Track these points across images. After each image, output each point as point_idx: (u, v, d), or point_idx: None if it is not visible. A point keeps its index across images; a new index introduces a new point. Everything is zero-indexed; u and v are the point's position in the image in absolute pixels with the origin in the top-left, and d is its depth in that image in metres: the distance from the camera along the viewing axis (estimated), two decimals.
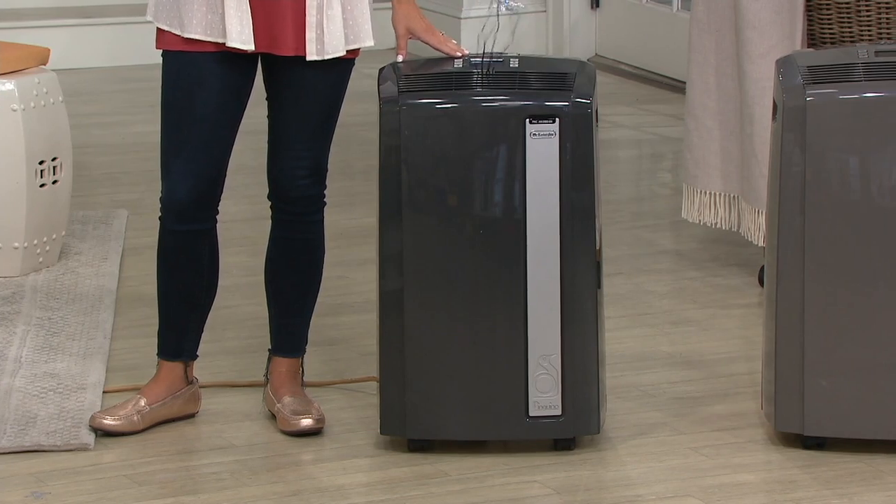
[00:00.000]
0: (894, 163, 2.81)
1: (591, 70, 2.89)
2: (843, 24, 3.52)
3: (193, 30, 2.82)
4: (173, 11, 2.84)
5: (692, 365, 3.26)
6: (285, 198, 2.93)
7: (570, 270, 2.84)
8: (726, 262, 3.78)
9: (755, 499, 2.75)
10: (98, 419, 2.93)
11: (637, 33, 5.35)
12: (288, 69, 2.87)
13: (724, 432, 2.96)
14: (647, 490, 2.77)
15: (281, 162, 2.91)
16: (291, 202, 2.93)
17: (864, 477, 2.80)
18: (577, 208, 2.83)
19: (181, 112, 2.85)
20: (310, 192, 2.93)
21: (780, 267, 2.86)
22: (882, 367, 2.84)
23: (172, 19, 2.84)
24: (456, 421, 2.88)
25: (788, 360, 2.86)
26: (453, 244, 2.85)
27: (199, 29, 2.82)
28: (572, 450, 2.89)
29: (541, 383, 2.86)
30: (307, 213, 2.94)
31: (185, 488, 2.80)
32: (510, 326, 2.85)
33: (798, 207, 2.83)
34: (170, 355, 2.98)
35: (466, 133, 2.83)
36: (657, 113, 4.96)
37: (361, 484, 2.82)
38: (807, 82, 2.83)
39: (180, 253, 2.91)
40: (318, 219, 2.96)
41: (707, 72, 3.65)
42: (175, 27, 2.83)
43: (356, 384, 3.17)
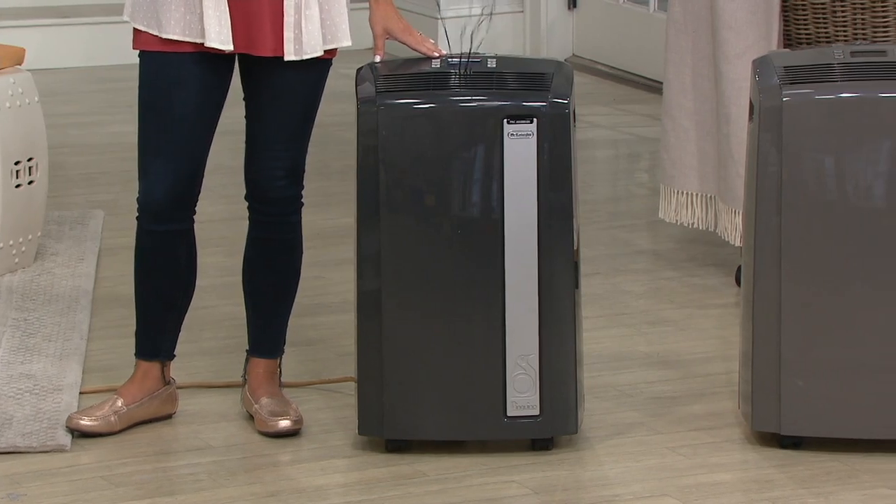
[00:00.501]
0: (870, 163, 2.82)
1: (568, 70, 2.89)
2: (818, 24, 3.53)
3: (172, 30, 2.82)
4: (150, 12, 2.83)
5: (669, 365, 3.27)
6: (263, 199, 2.93)
7: (547, 270, 2.84)
8: (703, 262, 3.79)
9: (732, 498, 2.75)
10: (75, 420, 2.92)
11: (614, 34, 5.36)
12: (266, 70, 2.87)
13: (701, 432, 2.97)
14: (624, 490, 2.78)
15: (259, 163, 2.91)
16: (269, 203, 2.93)
17: (840, 476, 2.81)
18: (555, 208, 2.84)
19: (160, 112, 2.85)
20: (287, 192, 2.93)
21: (756, 267, 2.87)
22: (858, 366, 2.85)
23: (150, 20, 2.83)
24: (434, 421, 2.88)
25: (765, 359, 2.87)
26: (431, 244, 2.85)
27: (177, 29, 2.82)
28: (550, 450, 2.90)
29: (518, 383, 2.86)
30: (285, 214, 2.94)
31: (162, 489, 2.79)
32: (488, 326, 2.85)
33: (774, 207, 2.84)
34: (147, 355, 2.97)
35: (444, 133, 2.83)
36: (634, 113, 4.97)
37: (339, 484, 2.82)
38: (783, 83, 2.83)
39: (158, 253, 2.91)
40: (296, 220, 2.95)
41: (684, 72, 3.66)
42: (153, 28, 2.83)
43: (334, 384, 3.17)
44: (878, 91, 2.83)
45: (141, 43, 2.85)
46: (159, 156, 2.86)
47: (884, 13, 3.49)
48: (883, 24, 3.49)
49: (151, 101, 2.85)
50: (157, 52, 2.83)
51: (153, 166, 2.86)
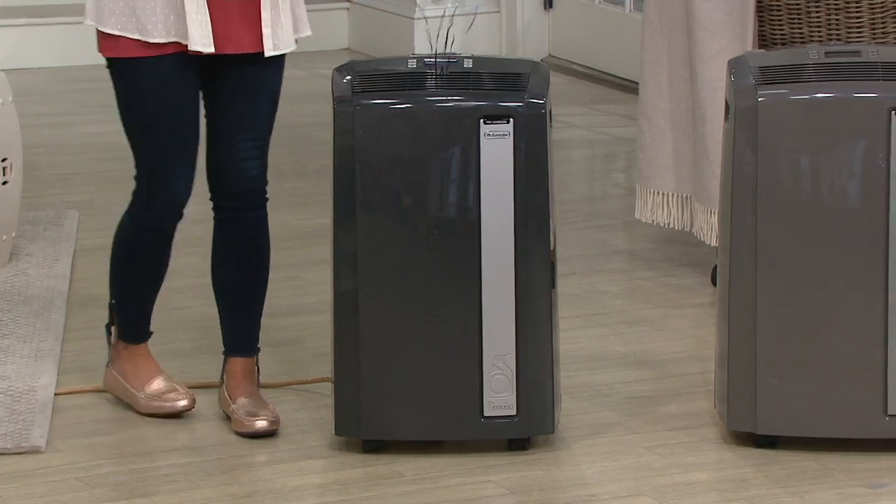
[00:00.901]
0: (844, 163, 2.83)
1: (544, 70, 2.89)
2: (793, 25, 3.54)
3: (158, 34, 2.82)
4: (128, 16, 2.82)
5: (645, 365, 3.27)
6: (231, 194, 2.93)
7: (524, 271, 2.84)
8: (679, 262, 3.80)
9: (708, 497, 2.76)
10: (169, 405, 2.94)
11: (590, 34, 5.36)
12: (236, 65, 2.87)
13: (678, 431, 2.98)
14: (601, 489, 2.78)
15: (228, 156, 2.91)
16: (238, 198, 2.93)
17: (816, 475, 2.82)
18: (532, 208, 2.84)
19: (160, 115, 2.86)
20: (258, 185, 2.94)
21: (732, 267, 2.88)
22: (833, 366, 2.86)
23: (128, 24, 2.82)
24: (411, 421, 2.87)
25: (741, 359, 2.88)
26: (408, 244, 2.85)
27: (162, 32, 2.82)
28: (527, 450, 2.90)
29: (495, 383, 2.86)
30: (253, 209, 2.95)
31: (138, 490, 2.79)
32: (465, 327, 2.85)
33: (750, 207, 2.85)
34: (144, 338, 3.04)
35: (421, 133, 2.83)
36: (610, 113, 4.98)
37: (316, 485, 2.82)
38: (758, 83, 2.84)
39: (160, 249, 2.96)
40: (264, 214, 2.96)
41: (659, 72, 3.67)
42: (132, 32, 2.82)
43: (310, 385, 3.16)
44: (853, 91, 2.84)
45: (119, 50, 2.85)
46: (175, 157, 2.88)
47: (857, 14, 3.50)
48: (857, 25, 3.51)
49: (152, 105, 2.85)
50: (143, 57, 2.83)
51: (171, 168, 2.88)
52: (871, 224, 2.83)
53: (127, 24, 2.82)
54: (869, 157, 2.83)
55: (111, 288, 3.04)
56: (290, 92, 3.01)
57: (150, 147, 2.89)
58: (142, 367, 3.03)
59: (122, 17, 2.82)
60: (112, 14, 2.83)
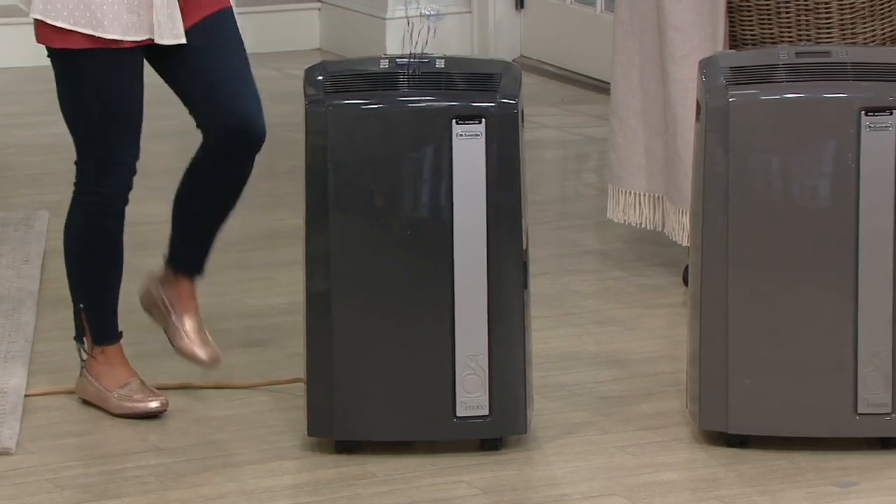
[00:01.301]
0: (815, 163, 2.85)
1: (516, 71, 2.90)
2: (763, 25, 3.56)
3: (113, 30, 2.82)
4: (80, 11, 2.82)
5: (617, 364, 3.28)
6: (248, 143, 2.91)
7: (496, 271, 2.85)
8: (651, 261, 3.81)
9: (680, 497, 2.77)
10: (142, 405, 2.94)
11: (562, 34, 5.37)
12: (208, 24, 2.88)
13: (650, 431, 2.98)
14: (573, 489, 2.79)
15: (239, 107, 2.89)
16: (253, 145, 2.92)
17: (787, 474, 2.83)
18: (504, 209, 2.84)
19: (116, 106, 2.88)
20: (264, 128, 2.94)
21: (704, 267, 2.89)
22: (804, 365, 2.88)
23: (80, 18, 2.82)
24: (383, 422, 2.87)
25: (713, 359, 2.89)
26: (380, 245, 2.85)
27: (119, 30, 2.82)
28: (499, 450, 2.90)
29: (468, 384, 2.87)
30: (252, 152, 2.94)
31: (109, 492, 2.78)
32: (437, 327, 2.85)
33: (721, 207, 2.86)
34: (116, 337, 3.04)
35: (393, 134, 2.83)
36: (582, 113, 4.99)
37: (288, 486, 2.81)
38: (729, 83, 2.85)
39: (117, 236, 2.97)
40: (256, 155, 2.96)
41: (631, 73, 3.68)
42: (84, 27, 2.82)
43: (283, 386, 3.16)
44: (823, 92, 2.85)
45: (72, 41, 2.84)
46: (127, 144, 2.90)
47: (827, 15, 3.52)
48: (826, 26, 3.52)
49: (108, 96, 2.86)
50: (97, 48, 2.83)
51: (122, 155, 2.90)
52: (842, 224, 2.84)
53: (77, 17, 2.82)
54: (839, 157, 2.84)
55: (75, 292, 3.02)
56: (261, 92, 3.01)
57: (103, 137, 2.90)
58: (117, 368, 3.02)
59: (76, 12, 2.82)
60: (63, 7, 2.82)
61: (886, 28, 3.54)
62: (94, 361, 3.03)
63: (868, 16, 3.52)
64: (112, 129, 2.89)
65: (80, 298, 3.02)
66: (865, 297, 2.85)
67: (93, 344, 3.03)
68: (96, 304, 3.01)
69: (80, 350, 3.05)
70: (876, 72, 2.86)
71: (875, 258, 2.84)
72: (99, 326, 3.02)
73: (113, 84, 2.85)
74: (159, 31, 2.82)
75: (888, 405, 2.87)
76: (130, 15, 2.82)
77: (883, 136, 2.83)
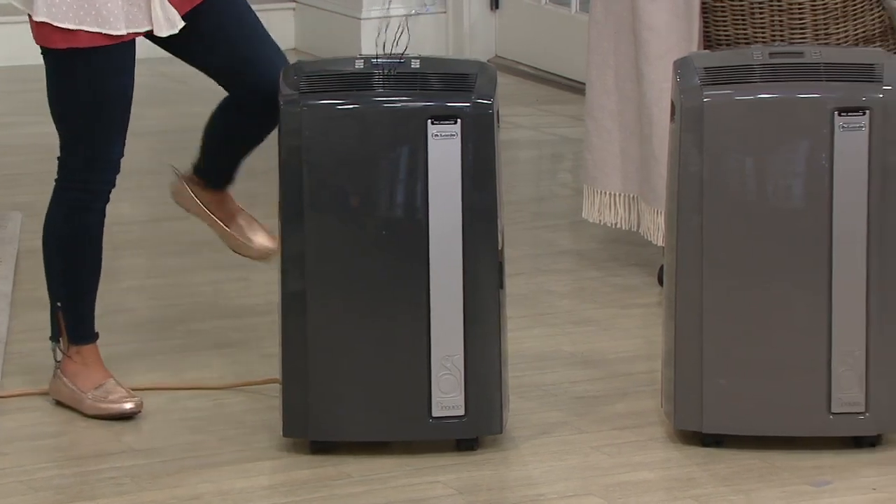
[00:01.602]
0: (789, 162, 2.86)
1: (491, 71, 2.90)
2: (738, 26, 3.57)
3: (119, 26, 2.85)
4: (84, 10, 2.83)
5: (593, 364, 3.29)
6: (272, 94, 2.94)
7: (472, 271, 2.85)
8: (626, 261, 3.82)
9: (655, 496, 2.77)
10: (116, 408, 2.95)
11: (537, 34, 5.38)
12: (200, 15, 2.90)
13: (625, 431, 2.99)
14: (549, 489, 2.79)
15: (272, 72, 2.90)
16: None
17: (761, 473, 2.84)
18: (479, 209, 2.85)
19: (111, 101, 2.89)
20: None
21: (678, 266, 2.89)
22: (778, 365, 2.89)
23: (85, 17, 2.84)
24: (359, 422, 2.87)
25: (688, 358, 2.90)
26: (356, 245, 2.85)
27: (123, 24, 2.85)
28: (475, 450, 2.90)
29: (444, 384, 2.87)
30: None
31: (83, 494, 2.77)
32: (413, 327, 2.85)
33: (696, 207, 2.87)
34: (93, 337, 3.03)
35: (368, 134, 2.83)
36: (557, 114, 5.00)
37: (263, 487, 2.81)
38: (704, 83, 2.86)
39: (97, 229, 2.98)
40: None
41: (606, 73, 3.68)
42: (90, 25, 2.84)
43: (258, 386, 3.15)
44: (797, 92, 2.87)
45: (78, 40, 2.85)
46: (117, 139, 2.93)
47: (800, 15, 3.53)
48: (800, 26, 3.54)
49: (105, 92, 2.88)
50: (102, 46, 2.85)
51: (111, 150, 2.93)
52: (816, 224, 2.86)
53: (81, 17, 2.83)
54: (812, 157, 2.85)
55: (53, 290, 3.02)
56: None
57: (94, 133, 2.92)
58: (92, 369, 3.02)
59: (81, 11, 2.83)
60: (67, 9, 2.84)
61: (859, 29, 3.55)
62: (69, 361, 3.02)
63: (841, 17, 3.53)
64: (103, 124, 2.91)
65: (58, 296, 3.01)
66: (839, 297, 2.86)
67: (69, 343, 3.02)
68: (74, 302, 3.01)
69: (56, 350, 3.04)
70: (849, 72, 2.87)
71: (849, 258, 2.85)
72: (76, 326, 3.02)
73: (110, 79, 2.88)
74: (157, 23, 2.85)
75: (862, 404, 2.88)
76: (131, 7, 2.85)
77: (856, 136, 2.85)
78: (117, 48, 2.87)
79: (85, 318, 3.02)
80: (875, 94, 2.84)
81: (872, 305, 2.85)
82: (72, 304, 3.01)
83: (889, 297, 2.86)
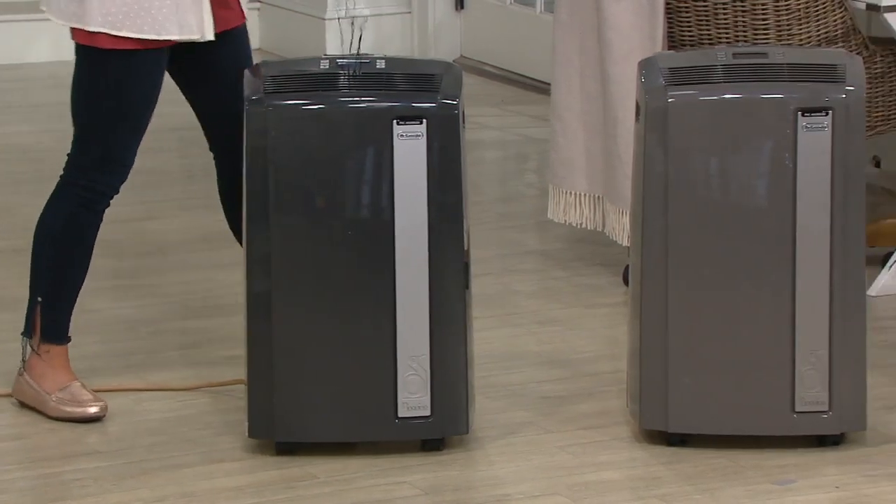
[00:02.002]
0: (753, 162, 2.87)
1: (457, 71, 2.90)
2: (701, 26, 3.58)
3: (169, 31, 2.88)
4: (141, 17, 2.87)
5: (559, 364, 3.29)
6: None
7: (438, 271, 2.85)
8: (591, 261, 3.83)
9: (620, 495, 2.78)
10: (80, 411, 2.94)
11: (502, 35, 5.38)
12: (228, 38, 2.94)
13: (591, 430, 3.00)
14: (514, 489, 2.79)
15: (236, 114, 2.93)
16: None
17: (726, 472, 2.85)
18: (445, 209, 2.85)
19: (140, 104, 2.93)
20: None
21: (644, 266, 2.90)
22: (743, 364, 2.90)
23: (142, 26, 2.87)
24: (325, 423, 2.87)
25: (653, 358, 2.91)
26: (321, 246, 2.84)
27: (174, 29, 2.89)
28: (441, 450, 2.90)
29: (410, 384, 2.87)
30: None
31: (48, 496, 2.76)
32: (379, 328, 2.85)
33: (661, 207, 2.88)
34: (66, 338, 3.03)
35: (334, 134, 2.83)
36: (522, 114, 5.00)
37: (229, 488, 2.80)
38: (668, 84, 2.87)
39: (93, 231, 3.00)
40: None
41: (571, 73, 3.69)
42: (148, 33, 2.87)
43: (223, 387, 3.15)
44: (760, 92, 2.88)
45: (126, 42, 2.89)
46: (135, 142, 2.96)
47: (764, 16, 3.55)
48: (763, 27, 3.55)
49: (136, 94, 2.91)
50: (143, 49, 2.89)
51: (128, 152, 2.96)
52: (779, 223, 2.87)
53: (137, 25, 2.87)
54: (776, 157, 2.87)
55: (36, 285, 3.01)
56: None
57: (117, 132, 2.94)
58: (59, 370, 3.01)
59: (137, 20, 2.87)
60: (125, 18, 2.87)
61: (822, 30, 3.58)
62: (36, 360, 3.01)
63: (804, 18, 3.55)
64: (126, 126, 2.93)
65: (40, 291, 3.00)
66: (803, 297, 2.88)
67: (40, 341, 3.01)
68: (55, 299, 3.00)
69: (27, 345, 3.03)
70: (812, 73, 2.89)
71: (812, 258, 2.87)
72: (51, 323, 3.01)
73: (144, 82, 2.90)
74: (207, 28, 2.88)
75: (825, 403, 2.90)
76: (185, 14, 2.87)
77: (819, 136, 2.86)
78: (155, 53, 2.89)
79: (62, 318, 3.01)
80: (838, 94, 2.86)
81: (835, 305, 2.87)
82: (51, 302, 3.00)
83: (852, 296, 2.88)
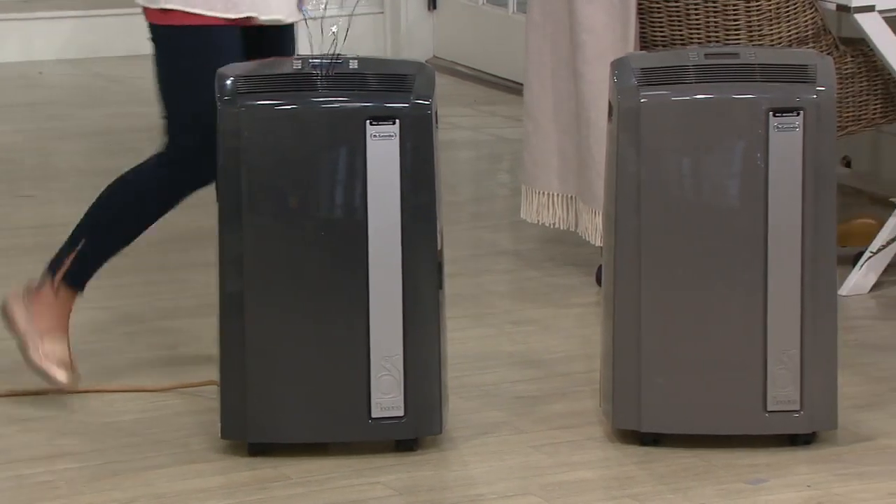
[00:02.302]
0: (725, 163, 2.88)
1: (430, 71, 2.90)
2: (673, 27, 3.59)
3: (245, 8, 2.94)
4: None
5: (532, 364, 3.30)
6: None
7: (411, 271, 2.85)
8: (564, 261, 3.83)
9: (593, 495, 2.79)
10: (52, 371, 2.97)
11: (474, 35, 5.39)
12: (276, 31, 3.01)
13: (564, 430, 3.00)
14: (488, 489, 2.79)
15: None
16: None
17: (698, 472, 2.86)
18: (418, 209, 2.85)
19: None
20: None
21: (616, 266, 2.91)
22: (715, 364, 2.91)
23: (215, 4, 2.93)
24: (298, 423, 2.87)
25: (626, 358, 2.91)
26: (295, 246, 2.84)
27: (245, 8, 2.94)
28: (415, 450, 2.90)
29: (383, 384, 2.87)
30: None
31: (18, 498, 2.74)
32: (352, 328, 2.85)
33: (634, 207, 2.88)
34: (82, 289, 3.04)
35: (307, 134, 2.83)
36: (495, 114, 5.01)
37: (201, 489, 2.79)
38: (641, 84, 2.88)
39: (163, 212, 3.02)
40: None
41: (543, 74, 3.70)
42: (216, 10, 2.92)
43: (196, 388, 3.14)
44: (732, 93, 2.89)
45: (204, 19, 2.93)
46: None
47: (735, 17, 3.56)
48: (735, 28, 3.57)
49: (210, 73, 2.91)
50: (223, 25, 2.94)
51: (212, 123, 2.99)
52: (751, 223, 2.88)
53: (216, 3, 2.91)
54: (748, 157, 2.88)
55: (88, 229, 3.02)
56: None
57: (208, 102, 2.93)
58: (57, 318, 3.02)
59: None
60: None
61: (793, 30, 3.59)
62: (47, 294, 3.00)
63: (775, 18, 3.57)
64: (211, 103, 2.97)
65: (89, 238, 3.02)
66: (774, 296, 2.89)
67: (62, 280, 3.02)
68: (98, 250, 3.02)
69: (46, 278, 3.03)
70: (783, 73, 2.90)
71: (784, 257, 2.88)
72: (81, 268, 3.03)
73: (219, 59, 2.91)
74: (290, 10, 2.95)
75: (797, 402, 2.91)
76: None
77: (790, 137, 2.87)
78: (229, 30, 2.93)
79: (89, 270, 3.03)
80: (809, 94, 2.87)
81: (807, 305, 2.88)
82: (94, 251, 3.02)
83: (823, 296, 2.89)
